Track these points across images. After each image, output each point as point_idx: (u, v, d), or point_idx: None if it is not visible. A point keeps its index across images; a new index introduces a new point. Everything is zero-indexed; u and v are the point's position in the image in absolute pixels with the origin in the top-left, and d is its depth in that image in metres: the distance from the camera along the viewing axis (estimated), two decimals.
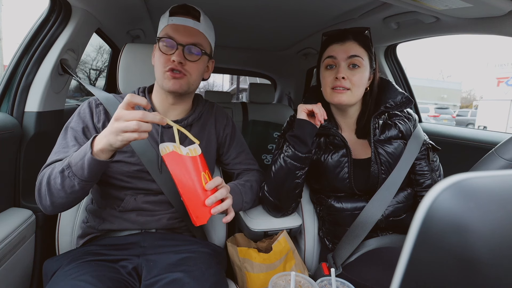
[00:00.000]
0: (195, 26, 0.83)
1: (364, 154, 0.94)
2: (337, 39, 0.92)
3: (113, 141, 0.63)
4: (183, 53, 0.81)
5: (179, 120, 0.90)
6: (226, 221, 0.74)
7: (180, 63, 0.80)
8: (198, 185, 0.68)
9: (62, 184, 0.70)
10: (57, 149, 0.80)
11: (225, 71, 3.21)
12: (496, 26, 0.97)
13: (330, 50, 0.92)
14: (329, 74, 0.92)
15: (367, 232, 0.88)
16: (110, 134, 0.64)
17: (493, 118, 9.95)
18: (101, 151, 0.66)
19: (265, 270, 0.90)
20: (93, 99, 0.88)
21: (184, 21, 0.82)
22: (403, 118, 0.99)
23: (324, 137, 0.97)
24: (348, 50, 0.89)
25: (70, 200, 0.73)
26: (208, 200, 0.68)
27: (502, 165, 0.83)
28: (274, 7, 1.36)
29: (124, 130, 0.61)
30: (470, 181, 0.23)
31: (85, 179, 0.68)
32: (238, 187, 0.92)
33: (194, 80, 0.86)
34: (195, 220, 0.68)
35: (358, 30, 0.93)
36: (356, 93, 0.90)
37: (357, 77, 0.89)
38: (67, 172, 0.69)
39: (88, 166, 0.66)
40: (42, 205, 0.75)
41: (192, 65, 0.83)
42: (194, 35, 0.82)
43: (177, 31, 0.81)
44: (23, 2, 21.41)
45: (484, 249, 0.21)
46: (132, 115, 0.61)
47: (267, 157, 1.89)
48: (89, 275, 0.67)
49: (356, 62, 0.88)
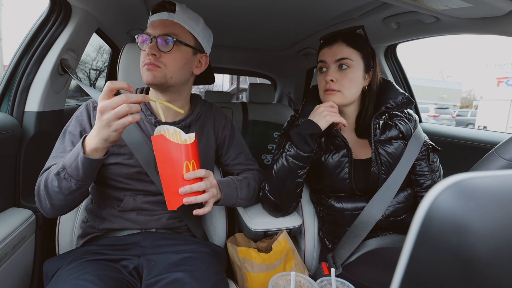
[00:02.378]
0: (169, 17, 0.82)
1: (364, 154, 0.94)
2: (326, 43, 0.94)
3: (107, 135, 0.64)
4: (156, 45, 0.79)
5: (176, 121, 0.90)
6: (196, 213, 0.74)
7: (153, 54, 0.79)
8: (179, 172, 0.69)
9: (59, 186, 0.70)
10: (55, 153, 0.81)
11: (225, 71, 3.21)
12: (496, 26, 0.97)
13: (321, 55, 0.94)
14: (321, 78, 0.94)
15: (367, 232, 0.88)
16: (101, 130, 0.63)
17: (493, 118, 9.95)
18: (95, 150, 0.67)
19: (265, 270, 0.90)
20: (91, 101, 0.88)
21: (159, 15, 0.82)
22: (404, 119, 0.99)
23: (325, 137, 0.97)
24: (335, 53, 0.90)
25: (69, 202, 0.73)
26: (181, 189, 0.69)
27: (502, 165, 0.83)
28: (274, 7, 1.36)
29: (116, 117, 0.62)
30: (470, 181, 0.23)
31: (81, 179, 0.69)
32: (234, 182, 0.92)
33: (172, 71, 0.82)
34: (167, 204, 0.70)
35: (348, 30, 0.94)
36: (347, 93, 0.91)
37: (347, 78, 0.89)
38: (63, 174, 0.69)
39: (83, 166, 0.67)
40: (42, 208, 0.75)
41: (168, 56, 0.81)
42: (167, 26, 0.81)
43: (153, 26, 0.82)
44: (23, 2, 21.42)
45: (484, 249, 0.21)
46: (116, 101, 0.62)
47: (267, 157, 1.89)
48: (91, 274, 0.67)
49: (344, 63, 0.89)
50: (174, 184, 0.69)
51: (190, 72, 0.88)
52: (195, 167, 0.72)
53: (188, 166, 0.70)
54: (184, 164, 0.69)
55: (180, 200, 0.69)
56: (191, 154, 0.71)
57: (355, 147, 0.95)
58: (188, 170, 0.70)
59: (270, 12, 1.42)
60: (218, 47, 2.01)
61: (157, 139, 0.69)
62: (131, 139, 0.83)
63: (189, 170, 0.70)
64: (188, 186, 0.69)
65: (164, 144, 0.69)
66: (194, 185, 0.70)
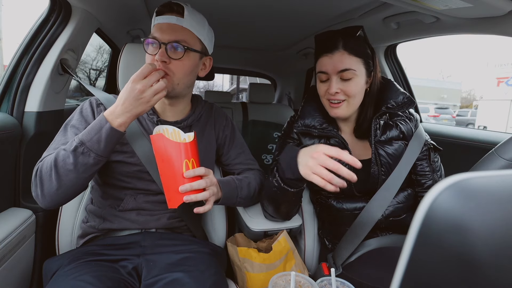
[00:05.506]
0: (178, 22, 0.80)
1: (364, 155, 0.94)
2: (325, 49, 0.87)
3: (142, 110, 0.71)
4: (166, 52, 0.78)
5: (178, 121, 0.90)
6: (196, 212, 0.74)
7: (163, 62, 0.79)
8: (178, 170, 0.69)
9: (75, 162, 0.69)
10: (56, 145, 0.79)
11: (225, 71, 3.21)
12: (496, 26, 0.96)
13: (320, 64, 0.89)
14: (322, 86, 0.90)
15: (367, 232, 0.88)
16: (138, 106, 0.70)
17: (493, 118, 9.95)
18: (122, 125, 0.71)
19: (265, 270, 0.90)
20: (94, 99, 0.88)
21: (168, 18, 0.80)
22: (405, 119, 0.97)
23: (325, 139, 0.96)
24: (337, 64, 0.85)
25: (78, 184, 0.72)
26: (181, 187, 0.69)
27: (502, 165, 0.83)
28: (274, 7, 1.36)
29: (154, 93, 0.71)
30: (470, 181, 0.23)
31: (101, 153, 0.70)
32: (235, 181, 0.92)
33: (180, 78, 0.82)
34: (168, 202, 0.71)
35: (348, 33, 0.88)
36: (353, 102, 0.89)
37: (351, 88, 0.86)
38: (81, 149, 0.69)
39: (107, 138, 0.69)
40: (43, 194, 0.71)
41: (177, 63, 0.80)
42: (176, 31, 0.80)
43: (161, 30, 0.80)
44: (23, 2, 21.43)
45: (484, 249, 0.21)
46: (153, 79, 0.71)
47: (267, 157, 1.89)
48: (89, 275, 0.67)
49: (348, 75, 0.85)
50: (174, 182, 0.69)
51: (195, 76, 0.89)
52: (194, 165, 0.72)
53: (188, 165, 0.70)
54: (183, 163, 0.70)
55: (180, 198, 0.69)
56: (190, 153, 0.71)
57: (355, 148, 0.94)
58: (188, 169, 0.70)
59: (270, 12, 1.42)
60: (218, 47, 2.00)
61: (156, 138, 0.70)
62: (133, 138, 0.83)
63: (188, 169, 0.70)
64: (188, 184, 0.69)
65: (164, 143, 0.69)
66: (194, 183, 0.70)
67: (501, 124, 9.63)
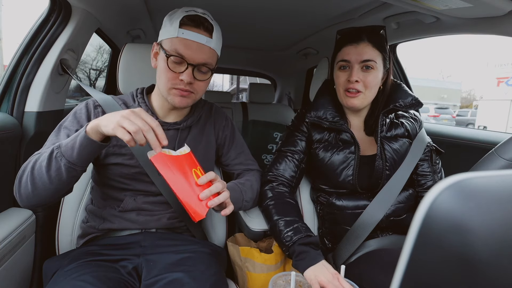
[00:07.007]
0: (208, 43, 0.78)
1: (370, 151, 0.95)
2: (351, 40, 0.91)
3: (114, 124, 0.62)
4: (192, 73, 0.77)
5: (178, 122, 0.90)
6: (225, 214, 0.73)
7: (189, 83, 0.78)
8: (191, 181, 0.68)
9: (48, 166, 0.67)
10: (49, 145, 0.78)
11: (225, 71, 3.21)
12: (496, 26, 0.97)
13: (344, 53, 0.92)
14: (342, 75, 0.93)
15: (368, 232, 0.88)
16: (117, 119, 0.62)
17: (493, 118, 9.95)
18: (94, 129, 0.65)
19: (266, 271, 0.90)
20: (92, 100, 0.88)
21: (196, 36, 0.76)
22: (410, 119, 1.01)
23: (335, 133, 0.98)
24: (362, 54, 0.89)
25: (52, 188, 0.68)
26: (202, 194, 0.68)
27: (502, 165, 0.84)
28: (274, 7, 1.36)
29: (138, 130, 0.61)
30: (470, 181, 0.23)
31: (72, 160, 0.66)
32: (238, 186, 0.92)
33: (200, 95, 0.85)
34: (194, 216, 0.67)
35: (373, 29, 0.93)
36: (368, 95, 0.92)
37: (370, 79, 0.89)
38: (56, 152, 0.67)
39: (80, 146, 0.65)
40: (20, 194, 0.70)
41: (201, 84, 0.82)
42: (205, 53, 0.78)
43: (188, 48, 0.76)
44: (23, 2, 21.42)
45: (484, 249, 0.21)
46: (153, 124, 0.64)
47: (267, 157, 1.89)
48: (89, 275, 0.67)
49: (369, 65, 0.89)
50: (193, 193, 0.68)
51: None
52: (202, 172, 0.72)
53: (197, 173, 0.70)
54: (192, 172, 0.69)
55: (204, 206, 0.68)
56: (194, 161, 0.71)
57: (363, 144, 0.96)
58: (198, 176, 0.70)
59: (270, 12, 1.42)
60: None
61: (158, 158, 0.66)
62: None
63: (199, 176, 0.70)
64: (207, 190, 0.68)
65: (167, 160, 0.67)
66: (212, 187, 0.70)
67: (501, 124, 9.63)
